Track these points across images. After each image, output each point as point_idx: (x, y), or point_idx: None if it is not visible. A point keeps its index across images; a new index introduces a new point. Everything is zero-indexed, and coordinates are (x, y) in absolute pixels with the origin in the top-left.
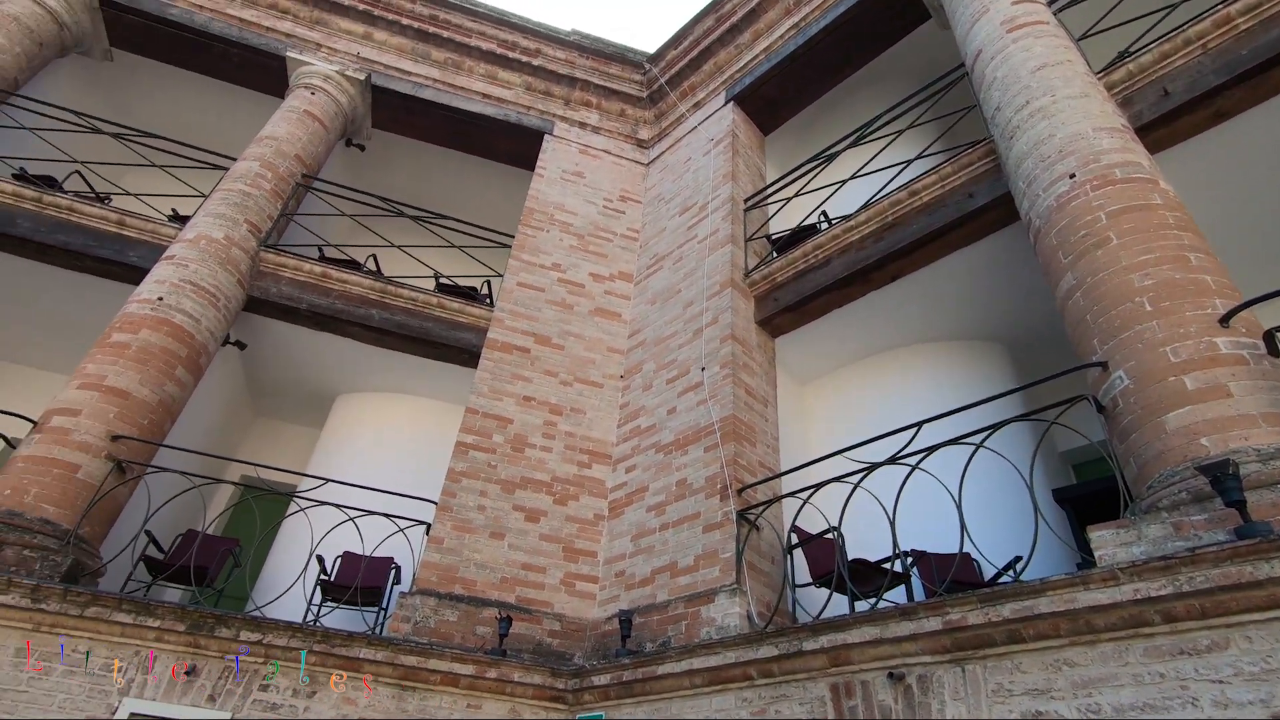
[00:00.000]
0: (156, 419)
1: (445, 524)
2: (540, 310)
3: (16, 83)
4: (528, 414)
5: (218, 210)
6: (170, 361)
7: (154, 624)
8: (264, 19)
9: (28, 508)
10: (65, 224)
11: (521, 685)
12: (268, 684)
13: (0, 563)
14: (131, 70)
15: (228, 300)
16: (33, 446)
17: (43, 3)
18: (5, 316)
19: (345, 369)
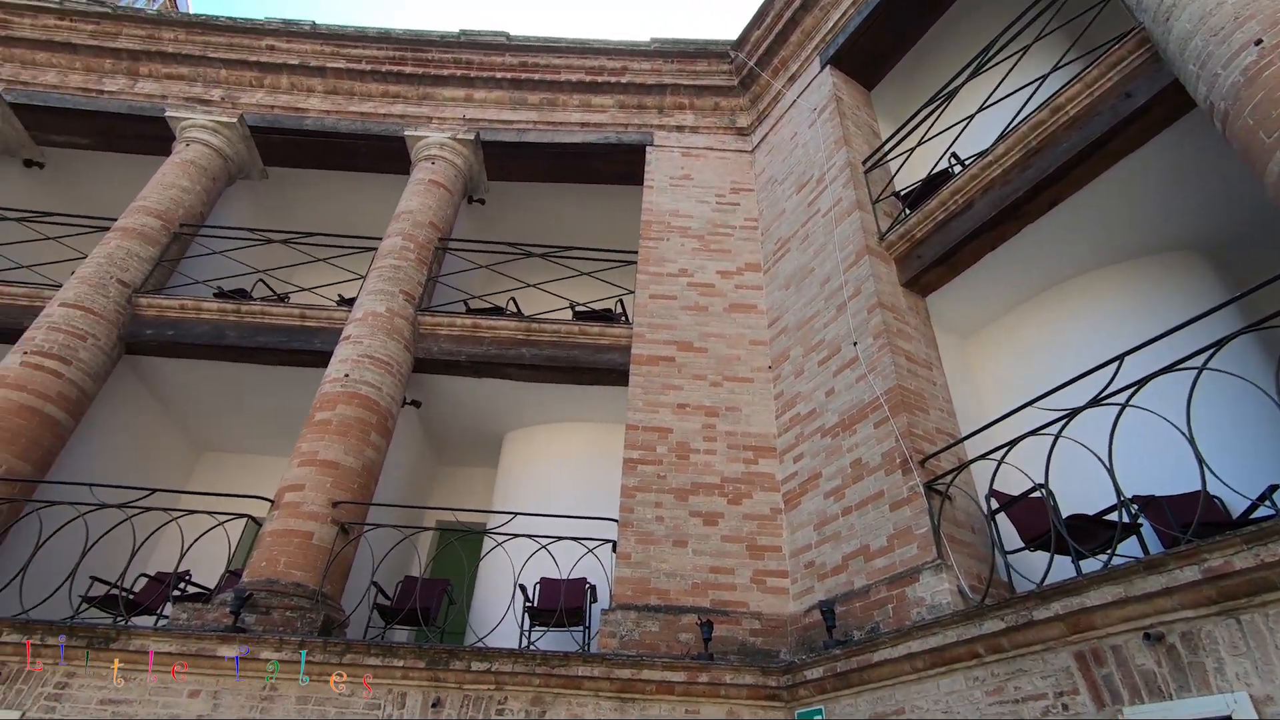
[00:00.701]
0: (363, 482)
1: (629, 539)
2: (676, 317)
3: (202, 216)
4: (685, 421)
5: (376, 287)
6: (365, 429)
7: (399, 663)
8: (379, 108)
9: (281, 574)
10: (261, 327)
11: (734, 687)
12: (503, 708)
13: (270, 624)
14: (284, 182)
15: (399, 365)
16: (275, 522)
17: (210, 144)
18: (230, 415)
19: (508, 408)
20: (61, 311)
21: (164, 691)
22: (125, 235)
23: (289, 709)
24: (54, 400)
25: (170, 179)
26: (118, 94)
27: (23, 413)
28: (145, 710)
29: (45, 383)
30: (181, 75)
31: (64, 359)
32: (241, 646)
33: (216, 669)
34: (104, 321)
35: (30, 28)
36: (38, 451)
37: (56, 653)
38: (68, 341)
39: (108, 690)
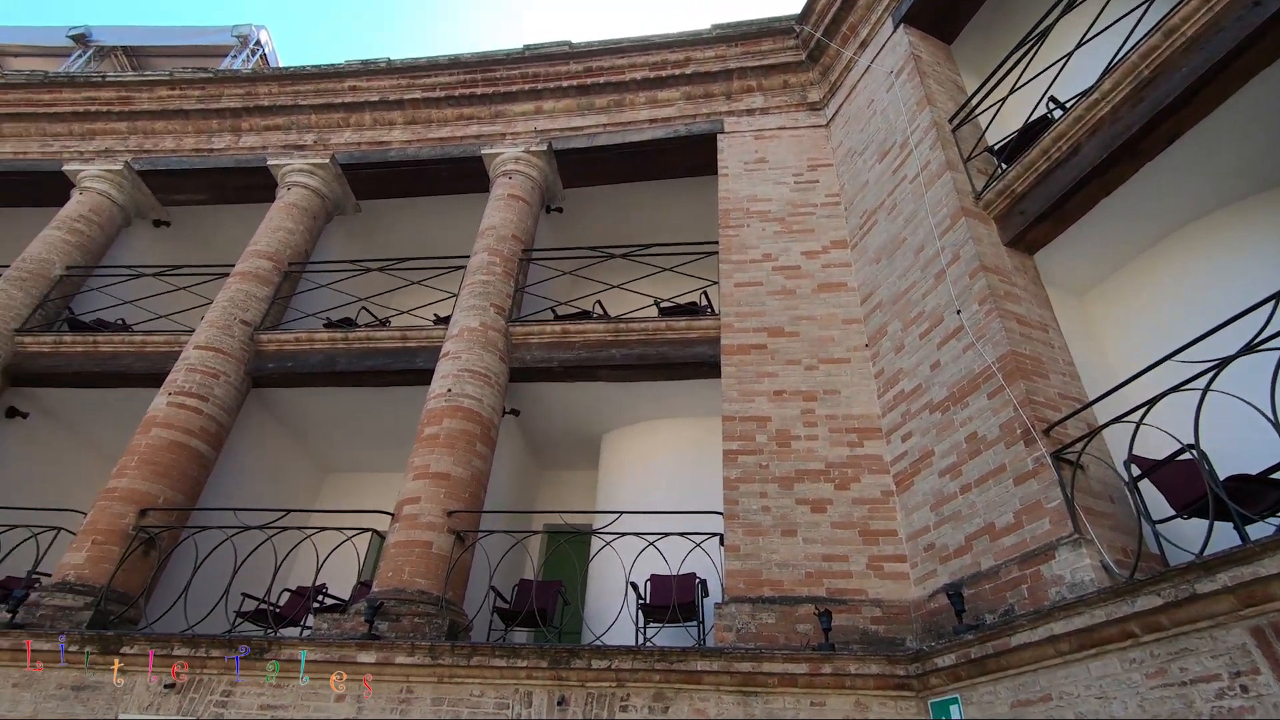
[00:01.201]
0: (474, 490)
1: (736, 531)
2: (764, 304)
3: (307, 253)
4: (783, 408)
5: (468, 303)
6: (470, 440)
7: (523, 664)
8: (456, 131)
9: (406, 583)
10: (368, 351)
11: (860, 677)
12: (626, 705)
13: (401, 630)
14: (376, 213)
15: (497, 376)
16: (396, 534)
17: (308, 186)
18: (348, 437)
19: (603, 410)
20: (196, 354)
21: (313, 696)
22: (243, 278)
23: (425, 710)
24: (197, 434)
25: (277, 222)
26: (225, 150)
27: (173, 448)
28: (299, 714)
29: (189, 419)
30: (277, 125)
31: (202, 396)
32: (378, 653)
33: (357, 674)
34: (232, 359)
35: (148, 100)
36: (188, 482)
37: (221, 664)
38: (204, 380)
39: (265, 696)
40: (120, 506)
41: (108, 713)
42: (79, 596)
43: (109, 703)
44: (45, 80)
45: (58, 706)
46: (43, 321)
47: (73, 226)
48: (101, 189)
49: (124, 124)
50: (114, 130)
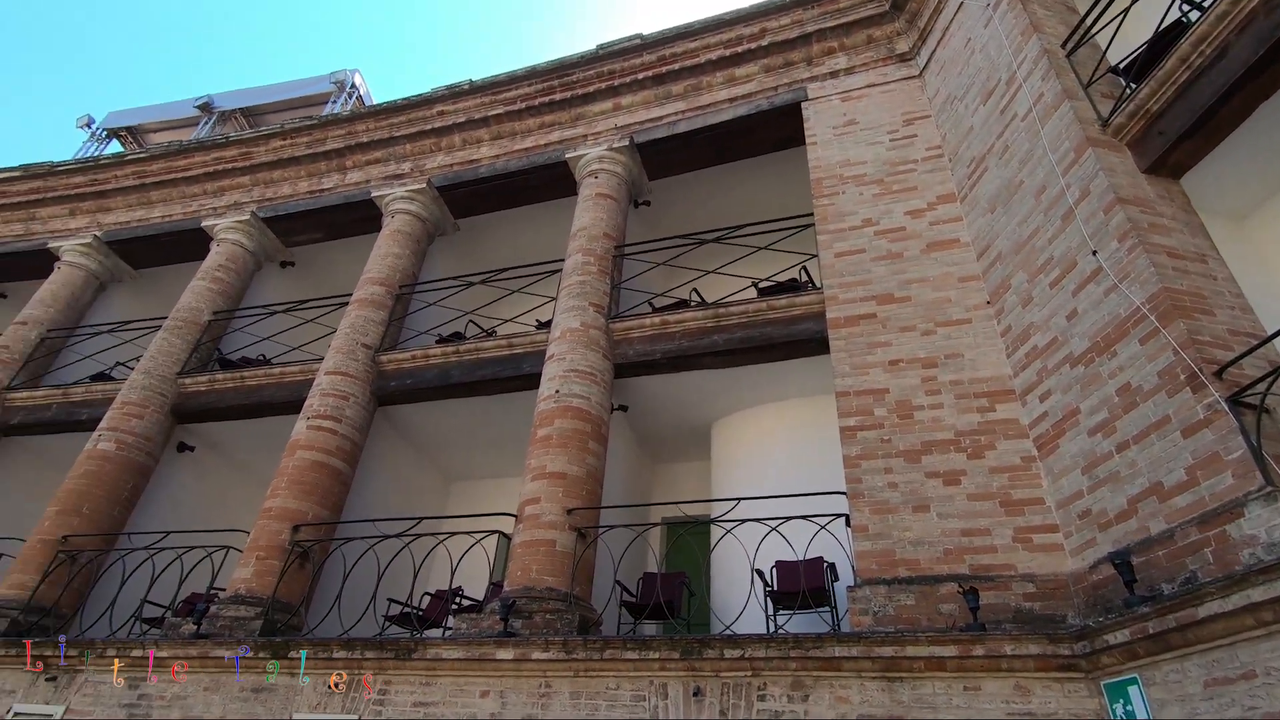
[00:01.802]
0: (590, 488)
1: (862, 510)
2: (869, 271)
3: (414, 275)
4: (900, 378)
5: (567, 305)
6: (582, 438)
7: (655, 656)
8: (540, 140)
9: (535, 581)
10: (478, 362)
11: (1018, 658)
12: (763, 694)
13: (534, 627)
14: (474, 229)
15: (602, 373)
16: (521, 535)
17: (410, 211)
18: (467, 445)
19: (710, 398)
20: (327, 379)
21: (460, 693)
22: (361, 305)
23: (564, 704)
24: (335, 454)
25: (385, 249)
26: (334, 189)
27: (316, 468)
28: (449, 710)
29: (326, 440)
30: (377, 159)
31: (336, 418)
32: (516, 649)
33: (498, 671)
34: (358, 381)
35: (264, 152)
36: (331, 498)
37: (375, 664)
38: (336, 404)
39: (418, 693)
40: (276, 524)
41: (283, 712)
42: (250, 607)
43: (284, 703)
44: (180, 148)
45: (241, 707)
46: (198, 363)
47: (214, 276)
48: (234, 239)
49: (247, 177)
50: (240, 184)
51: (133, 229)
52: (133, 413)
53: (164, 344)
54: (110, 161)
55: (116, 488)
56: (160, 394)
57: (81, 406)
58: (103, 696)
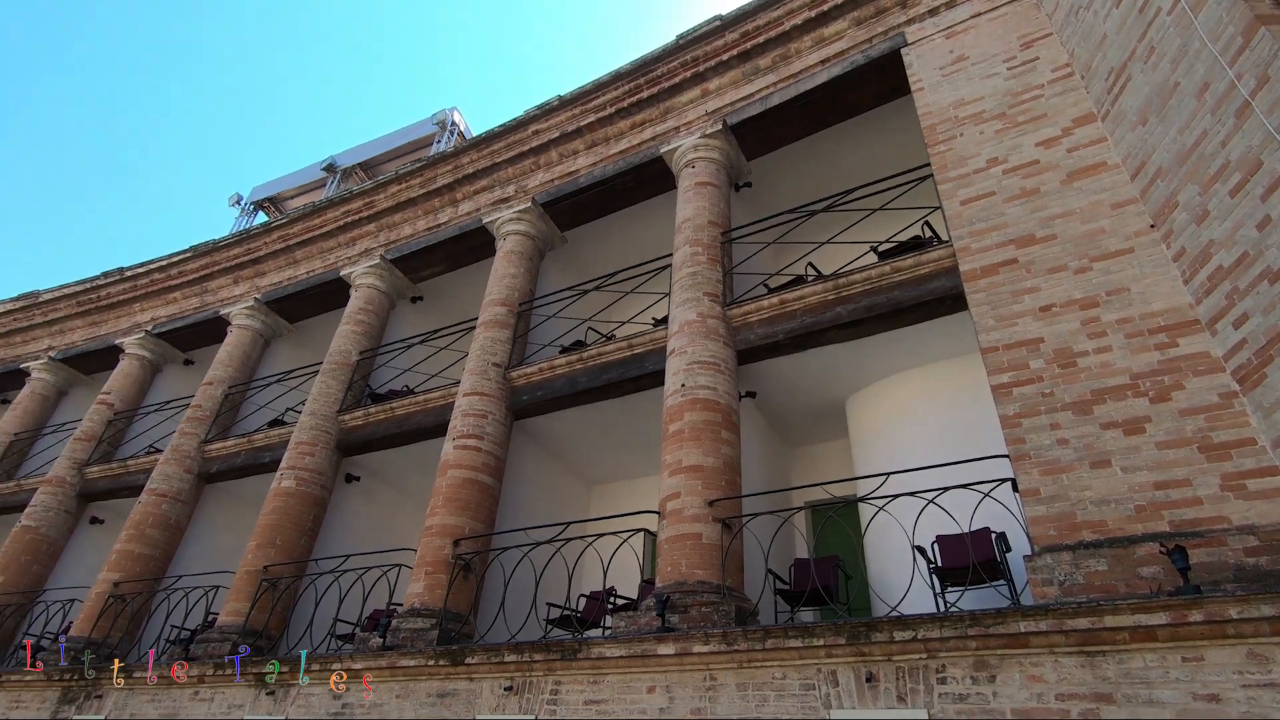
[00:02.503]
0: (729, 477)
1: (1030, 473)
2: (1003, 214)
3: (531, 292)
4: (1055, 324)
5: (681, 298)
6: (714, 429)
7: (820, 642)
8: (632, 140)
9: (686, 575)
10: (602, 366)
11: (1249, 622)
12: (943, 676)
13: (690, 621)
14: (581, 239)
15: (725, 362)
16: (666, 531)
17: (519, 231)
18: (602, 449)
19: (841, 373)
20: (466, 400)
21: (627, 690)
22: (487, 327)
23: (731, 696)
24: (481, 469)
25: (502, 271)
26: (449, 222)
27: (467, 485)
28: (620, 707)
29: (472, 458)
30: (483, 186)
31: (478, 436)
32: (676, 644)
33: (661, 666)
34: (493, 399)
35: (384, 199)
36: (483, 511)
37: (544, 665)
38: (477, 422)
39: (587, 692)
40: (438, 540)
41: (466, 714)
42: (425, 619)
43: (466, 706)
44: (314, 209)
45: (430, 711)
46: (353, 400)
47: (356, 319)
48: (369, 282)
49: (373, 224)
50: (367, 232)
51: (284, 288)
52: (305, 451)
53: (323, 386)
54: (259, 231)
55: (301, 519)
56: (326, 432)
57: (264, 451)
58: (313, 707)
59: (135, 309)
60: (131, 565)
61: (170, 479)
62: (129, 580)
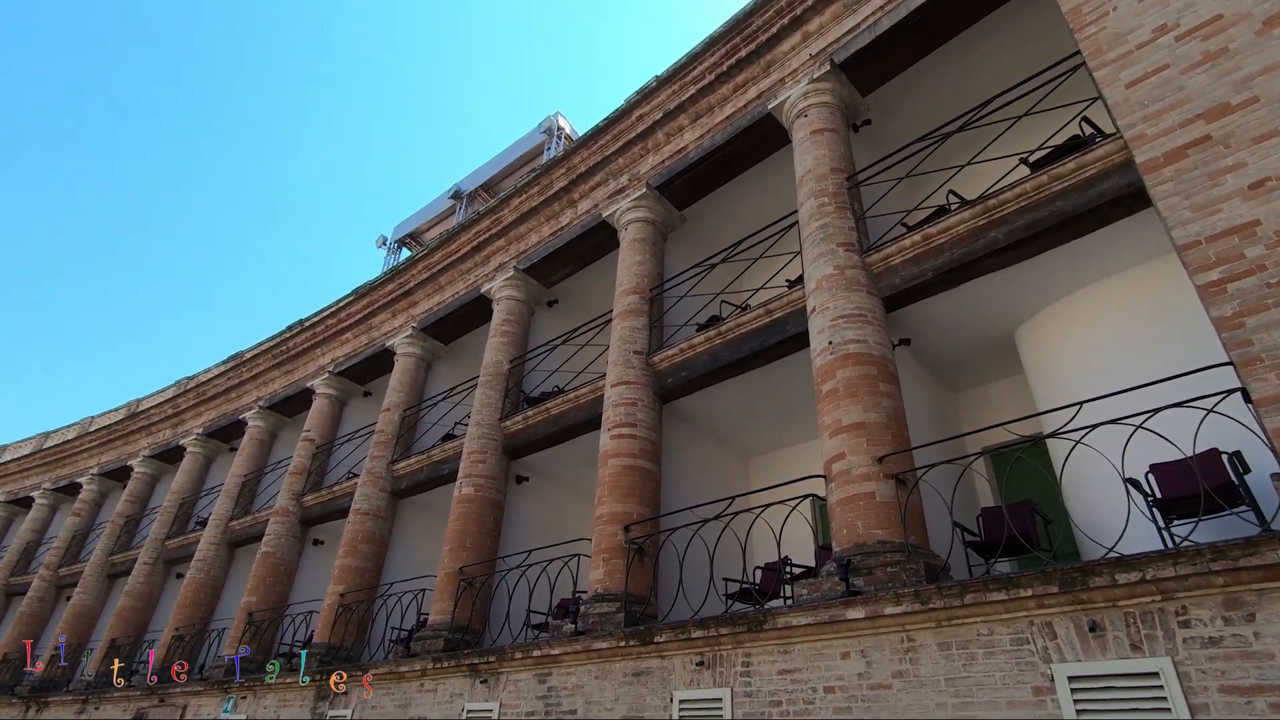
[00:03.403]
0: (895, 431)
1: (1265, 377)
2: (1183, 87)
3: (659, 276)
4: (1272, 201)
5: (814, 253)
6: (870, 383)
7: (1027, 593)
8: (738, 103)
9: (864, 537)
10: (741, 338)
11: None
12: (1184, 619)
13: (876, 582)
14: (700, 214)
15: (871, 312)
16: (835, 494)
17: (638, 218)
18: (754, 420)
19: (1003, 304)
20: (614, 391)
21: (819, 657)
22: (622, 317)
23: (933, 656)
24: (640, 455)
25: (629, 260)
26: (570, 224)
27: (628, 472)
28: (814, 674)
29: (628, 445)
30: (598, 182)
31: (631, 424)
32: (866, 607)
33: (852, 631)
34: (640, 386)
35: (509, 213)
36: (647, 495)
37: (731, 639)
38: (628, 411)
39: (779, 662)
40: (610, 527)
41: (663, 690)
42: (610, 603)
43: (661, 683)
44: (449, 235)
45: (627, 690)
46: (511, 407)
47: (501, 330)
48: (507, 294)
49: (502, 239)
50: (498, 247)
51: (435, 313)
52: (478, 459)
53: (483, 397)
54: (405, 265)
55: (483, 522)
56: (492, 439)
57: (442, 464)
58: (522, 692)
59: (318, 353)
60: (351, 577)
61: (369, 498)
62: (351, 591)
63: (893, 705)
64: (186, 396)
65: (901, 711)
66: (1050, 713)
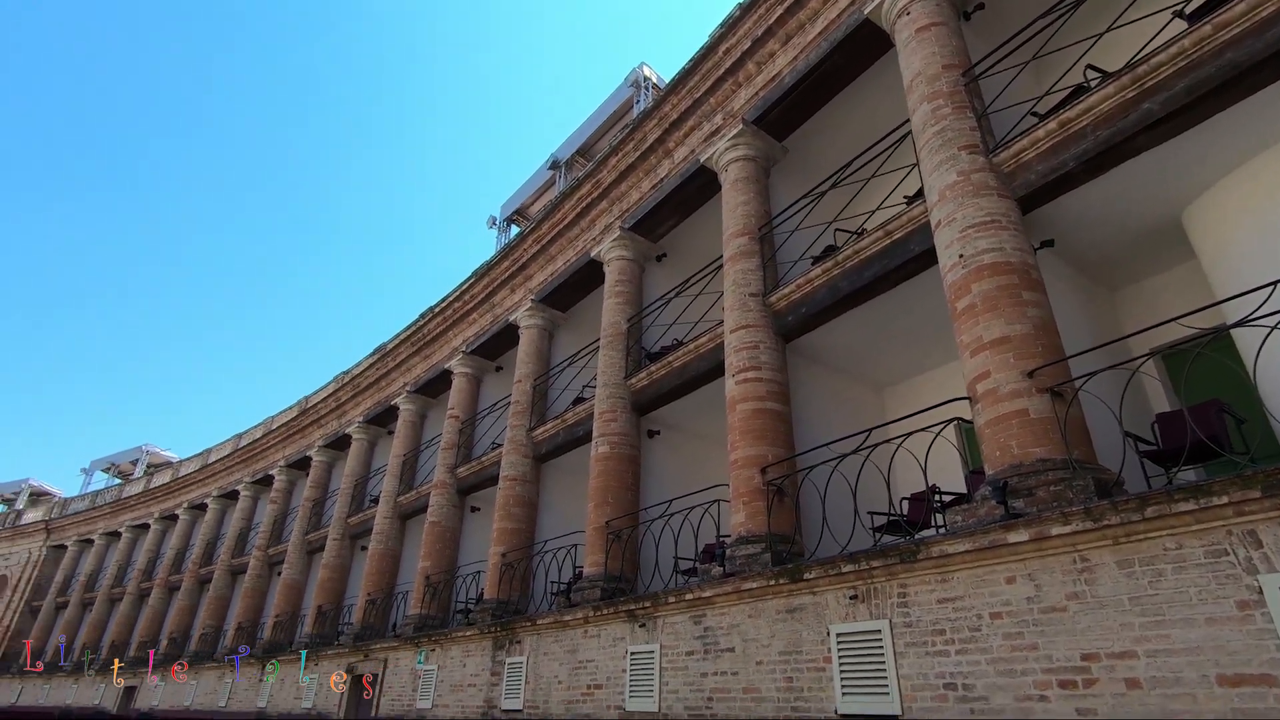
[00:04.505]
0: (1045, 342)
1: None
2: None
3: (767, 214)
4: None
5: (932, 162)
6: (1011, 293)
7: (1222, 500)
8: (827, 16)
9: (1020, 457)
10: (861, 264)
11: None
12: None
13: (1038, 503)
14: (803, 143)
15: (1004, 216)
16: (983, 415)
17: (738, 156)
18: (882, 350)
19: (1164, 183)
20: (734, 336)
21: (981, 584)
22: (733, 261)
23: (1113, 575)
24: (767, 398)
25: (733, 202)
26: (669, 175)
27: (757, 415)
28: (977, 600)
29: (754, 389)
30: (691, 127)
31: (755, 367)
32: (1029, 529)
33: (1016, 555)
34: (759, 328)
35: (607, 174)
36: (779, 436)
37: (884, 571)
38: (750, 355)
39: (937, 591)
40: (746, 471)
41: (818, 625)
42: (754, 544)
43: (815, 618)
44: (552, 206)
45: (782, 627)
46: (633, 365)
47: (615, 291)
48: (617, 255)
49: (604, 201)
50: (601, 210)
51: (550, 283)
52: (609, 418)
53: (606, 358)
54: (516, 241)
55: (622, 477)
56: (620, 397)
57: (576, 426)
58: (680, 633)
59: (450, 336)
60: (508, 538)
61: (515, 465)
62: (510, 550)
63: (1070, 628)
64: (345, 389)
65: (1081, 633)
66: (1260, 626)
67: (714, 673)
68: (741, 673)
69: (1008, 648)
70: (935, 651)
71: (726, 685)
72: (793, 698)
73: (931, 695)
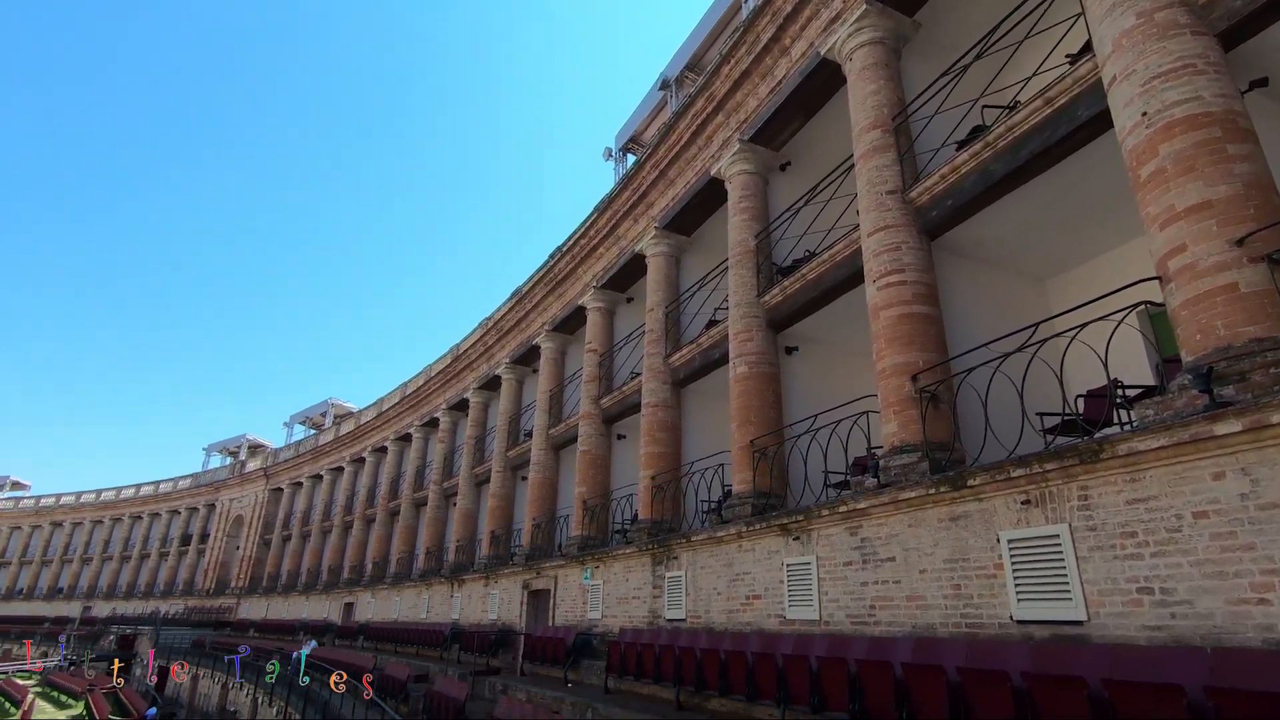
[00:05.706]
0: (1259, 200)
1: None
2: None
3: (900, 100)
4: None
5: (1105, 5)
6: (1212, 149)
7: None
8: None
9: (1229, 338)
10: (1016, 142)
11: None
12: None
13: (1251, 388)
14: (934, 16)
15: (1199, 57)
16: (1178, 295)
17: (864, 40)
18: (1040, 234)
19: None
20: (872, 240)
21: (1180, 481)
22: (866, 157)
23: None
24: (913, 301)
25: (861, 93)
26: (787, 74)
27: (902, 320)
28: (1177, 501)
29: (899, 293)
30: (808, 16)
31: (898, 270)
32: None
33: (1224, 448)
34: (900, 228)
35: (720, 84)
36: (931, 340)
37: (1061, 474)
38: (892, 257)
39: (1125, 492)
40: (895, 380)
41: (986, 532)
42: (909, 454)
43: (983, 525)
44: (667, 128)
45: (946, 535)
46: (765, 282)
47: (740, 208)
48: (738, 170)
49: (720, 115)
50: (717, 124)
51: (672, 208)
52: (745, 338)
53: (737, 278)
54: (633, 170)
55: (763, 395)
56: (754, 316)
57: (711, 349)
58: (835, 545)
59: (580, 273)
60: (656, 462)
61: (655, 392)
62: (659, 473)
63: None
64: (490, 334)
65: None
66: None
67: (875, 581)
68: (904, 581)
69: (1216, 549)
70: (1126, 555)
71: (889, 594)
72: (961, 604)
73: (1123, 600)
